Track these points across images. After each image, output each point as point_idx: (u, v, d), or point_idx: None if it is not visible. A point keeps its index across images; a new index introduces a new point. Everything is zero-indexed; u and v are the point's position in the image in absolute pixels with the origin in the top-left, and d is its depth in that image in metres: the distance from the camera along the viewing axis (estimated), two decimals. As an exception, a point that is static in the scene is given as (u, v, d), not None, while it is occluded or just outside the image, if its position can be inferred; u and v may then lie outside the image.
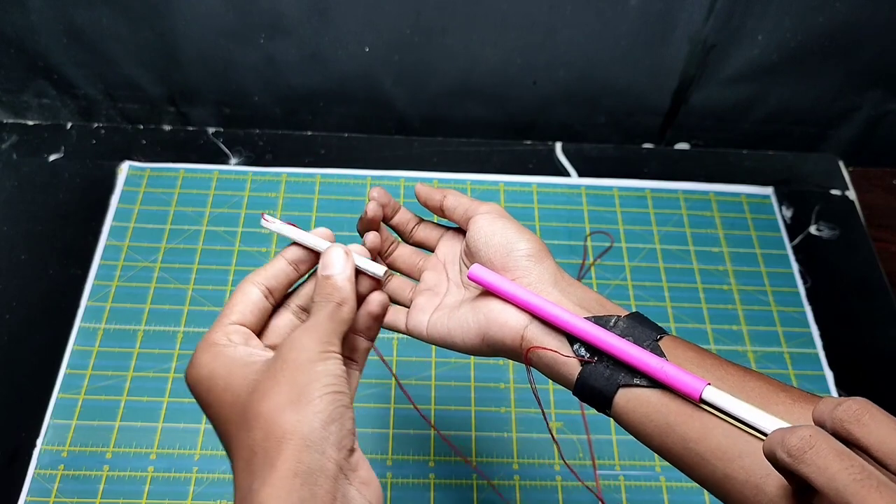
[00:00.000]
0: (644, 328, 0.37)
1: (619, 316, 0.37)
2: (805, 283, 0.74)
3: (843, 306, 0.73)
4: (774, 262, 0.75)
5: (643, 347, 0.36)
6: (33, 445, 0.59)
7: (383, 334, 0.66)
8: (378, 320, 0.39)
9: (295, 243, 0.39)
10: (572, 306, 0.38)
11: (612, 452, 0.62)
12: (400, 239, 0.47)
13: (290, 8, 0.74)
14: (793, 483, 0.28)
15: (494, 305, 0.39)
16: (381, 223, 0.45)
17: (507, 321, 0.39)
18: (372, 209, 0.43)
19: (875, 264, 0.76)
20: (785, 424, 0.31)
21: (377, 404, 0.63)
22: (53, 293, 0.67)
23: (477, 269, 0.40)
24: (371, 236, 0.43)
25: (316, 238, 0.39)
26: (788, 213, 0.79)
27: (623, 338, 0.36)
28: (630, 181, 0.80)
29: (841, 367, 0.68)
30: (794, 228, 0.78)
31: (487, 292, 0.40)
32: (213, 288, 0.69)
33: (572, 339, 0.37)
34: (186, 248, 0.71)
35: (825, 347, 0.70)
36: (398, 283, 0.46)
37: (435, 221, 0.47)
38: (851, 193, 0.81)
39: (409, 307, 0.44)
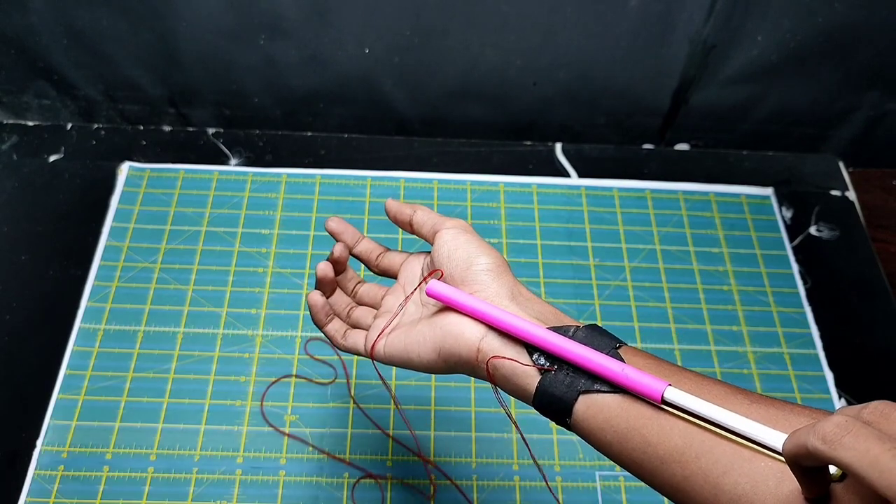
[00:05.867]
0: (603, 338, 0.37)
1: (577, 326, 0.38)
2: (805, 283, 0.74)
3: (843, 307, 0.73)
4: (774, 263, 0.75)
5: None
6: (33, 446, 0.59)
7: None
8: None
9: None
10: (531, 318, 0.38)
11: (612, 453, 0.62)
12: (366, 267, 0.48)
13: (289, 9, 0.74)
14: (807, 483, 0.27)
15: (451, 318, 0.39)
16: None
17: (463, 332, 0.39)
18: (339, 250, 0.46)
19: (875, 264, 0.76)
20: (746, 420, 0.31)
21: (377, 405, 0.63)
22: (53, 294, 0.68)
23: (434, 285, 0.40)
24: (322, 268, 0.45)
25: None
26: (788, 214, 0.79)
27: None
28: (630, 182, 0.80)
29: (841, 368, 0.68)
30: (794, 229, 0.78)
31: (446, 308, 0.40)
32: (213, 289, 0.69)
33: (531, 349, 0.37)
34: (186, 248, 0.71)
35: (825, 348, 0.70)
36: (361, 312, 0.47)
37: (399, 250, 0.48)
38: (851, 194, 0.81)
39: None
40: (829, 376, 0.68)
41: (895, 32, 0.77)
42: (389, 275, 0.47)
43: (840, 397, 0.66)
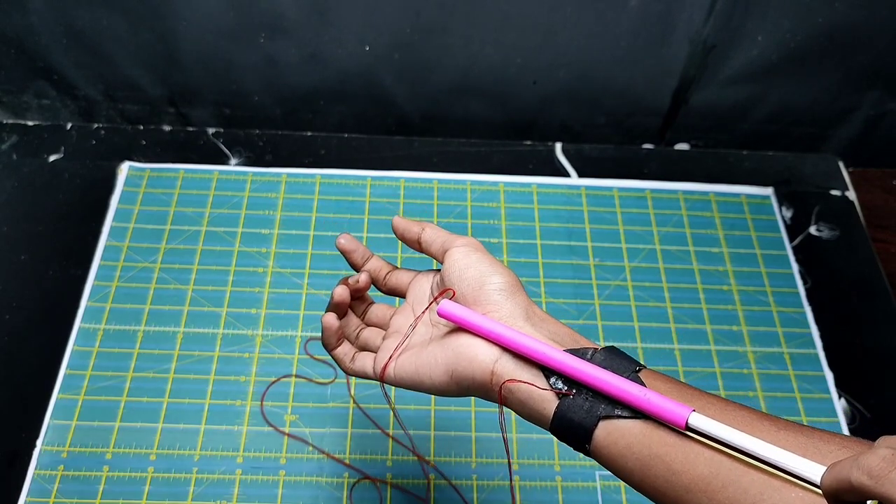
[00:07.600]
0: (622, 360, 0.36)
1: (595, 348, 0.37)
2: (805, 283, 0.74)
3: (843, 306, 0.73)
4: (774, 263, 0.75)
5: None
6: (33, 446, 0.59)
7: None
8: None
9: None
10: (546, 340, 0.37)
11: (612, 453, 0.62)
12: (374, 286, 0.46)
13: (289, 8, 0.74)
14: None
15: (464, 340, 0.38)
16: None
17: (477, 355, 0.37)
18: (353, 284, 0.44)
19: (875, 264, 0.76)
20: (778, 448, 0.30)
21: (377, 405, 0.64)
22: (53, 293, 0.68)
23: (446, 305, 0.39)
24: (339, 292, 0.43)
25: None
26: (788, 214, 0.79)
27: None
28: (630, 182, 0.80)
29: (841, 368, 0.68)
30: (793, 229, 0.78)
31: (458, 328, 0.39)
32: (213, 289, 0.69)
33: (548, 372, 0.36)
34: (186, 248, 0.71)
35: (825, 348, 0.70)
36: (370, 333, 0.45)
37: (408, 268, 0.47)
38: (851, 194, 0.81)
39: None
40: (829, 376, 0.68)
41: (895, 32, 0.77)
42: (398, 294, 0.46)
43: (840, 397, 0.66)
